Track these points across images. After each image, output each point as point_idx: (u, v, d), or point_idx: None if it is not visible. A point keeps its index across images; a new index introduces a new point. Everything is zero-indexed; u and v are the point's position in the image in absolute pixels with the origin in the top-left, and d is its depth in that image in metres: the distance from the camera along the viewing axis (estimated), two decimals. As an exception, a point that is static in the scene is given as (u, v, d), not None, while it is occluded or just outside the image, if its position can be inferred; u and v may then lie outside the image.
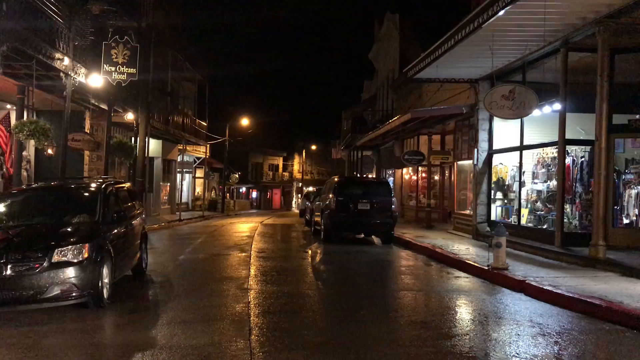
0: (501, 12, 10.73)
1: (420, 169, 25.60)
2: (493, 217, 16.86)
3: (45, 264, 7.14)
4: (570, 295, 8.40)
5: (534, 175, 15.12)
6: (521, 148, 15.29)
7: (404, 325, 7.38)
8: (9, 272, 7.02)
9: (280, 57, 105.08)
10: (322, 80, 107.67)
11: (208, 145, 39.18)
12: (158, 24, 25.19)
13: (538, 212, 14.70)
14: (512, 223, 15.26)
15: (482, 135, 17.15)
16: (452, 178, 22.13)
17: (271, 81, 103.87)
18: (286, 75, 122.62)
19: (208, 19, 59.07)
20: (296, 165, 73.22)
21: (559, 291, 8.69)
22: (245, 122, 47.61)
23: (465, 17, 12.45)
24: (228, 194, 49.78)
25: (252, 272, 11.33)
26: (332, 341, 6.64)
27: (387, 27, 34.20)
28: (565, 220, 12.93)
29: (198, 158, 39.39)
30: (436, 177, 24.67)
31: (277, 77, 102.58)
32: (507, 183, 16.62)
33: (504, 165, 16.77)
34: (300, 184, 68.80)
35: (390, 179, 30.85)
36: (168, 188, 33.40)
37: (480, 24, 11.61)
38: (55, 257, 7.23)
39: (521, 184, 15.24)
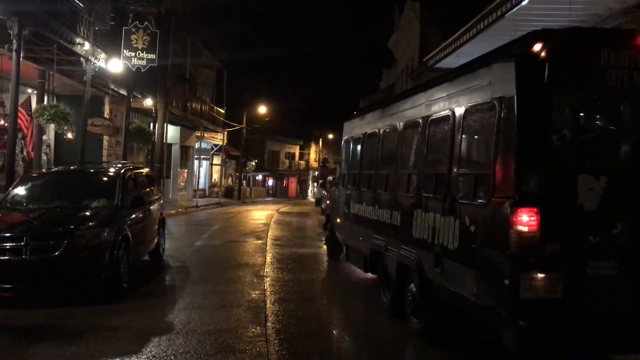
0: (525, 2, 10.54)
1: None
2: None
3: (64, 247, 7.17)
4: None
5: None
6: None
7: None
8: (28, 254, 7.07)
9: (299, 45, 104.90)
10: (340, 69, 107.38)
11: (225, 133, 39.27)
12: (177, 9, 25.21)
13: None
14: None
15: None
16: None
17: (289, 69, 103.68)
18: (304, 64, 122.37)
19: (226, 6, 59.01)
20: (313, 153, 73.06)
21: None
22: (262, 110, 47.58)
23: (488, 6, 12.25)
24: (244, 182, 49.92)
25: (268, 259, 11.35)
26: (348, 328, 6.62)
27: (407, 16, 33.83)
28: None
29: (215, 145, 39.49)
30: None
31: (295, 65, 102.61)
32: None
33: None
34: (317, 172, 68.78)
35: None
36: (185, 174, 33.57)
37: (504, 13, 11.41)
38: (74, 241, 7.27)
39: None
